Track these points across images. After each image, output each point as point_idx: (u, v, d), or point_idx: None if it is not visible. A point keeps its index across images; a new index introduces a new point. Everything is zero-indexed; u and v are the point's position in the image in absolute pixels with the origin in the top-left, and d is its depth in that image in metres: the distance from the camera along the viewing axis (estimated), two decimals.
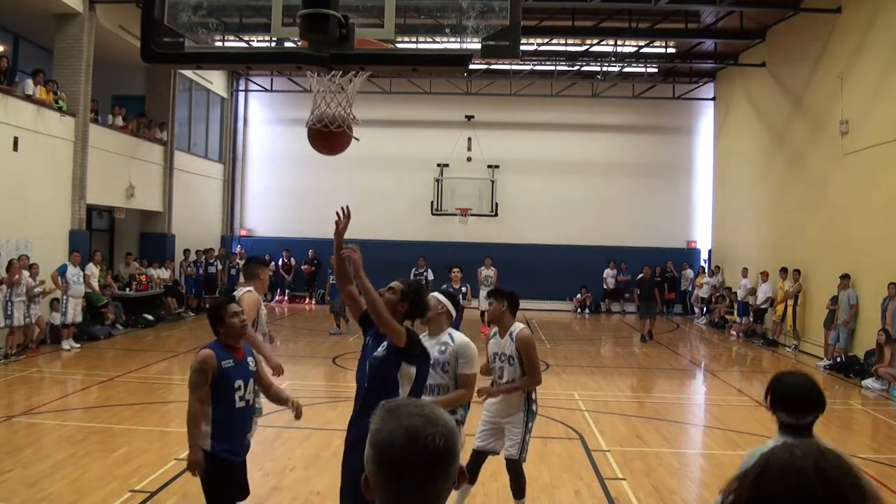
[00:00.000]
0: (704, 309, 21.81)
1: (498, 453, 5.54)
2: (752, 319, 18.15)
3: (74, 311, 14.08)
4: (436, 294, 5.05)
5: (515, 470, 5.47)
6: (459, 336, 5.00)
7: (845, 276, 13.67)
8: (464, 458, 5.36)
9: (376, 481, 1.44)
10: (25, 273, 12.82)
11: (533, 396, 5.57)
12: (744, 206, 20.85)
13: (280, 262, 23.92)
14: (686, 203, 24.41)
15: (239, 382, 4.38)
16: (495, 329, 5.68)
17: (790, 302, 15.95)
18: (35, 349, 13.21)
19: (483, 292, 17.39)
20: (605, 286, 23.70)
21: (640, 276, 18.56)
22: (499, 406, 5.54)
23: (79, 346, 14.02)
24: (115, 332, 15.79)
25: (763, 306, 17.66)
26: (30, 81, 14.28)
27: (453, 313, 5.08)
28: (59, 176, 15.07)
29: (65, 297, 13.84)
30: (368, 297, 4.04)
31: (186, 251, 20.72)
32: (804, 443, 1.31)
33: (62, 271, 13.89)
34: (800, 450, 1.27)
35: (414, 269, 19.84)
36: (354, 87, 7.19)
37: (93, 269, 15.49)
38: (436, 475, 1.42)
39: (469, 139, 23.82)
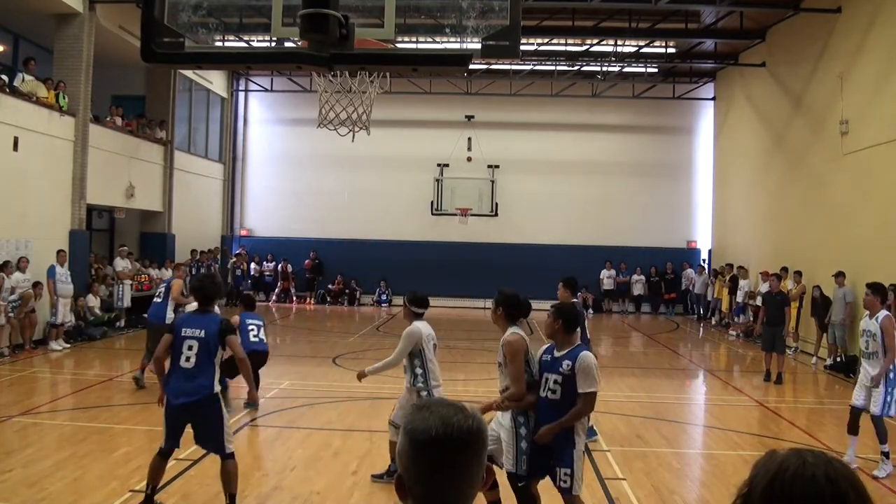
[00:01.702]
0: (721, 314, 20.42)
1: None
2: (751, 319, 18.14)
3: (64, 311, 14.03)
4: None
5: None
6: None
7: (840, 274, 13.65)
8: None
9: (413, 471, 1.52)
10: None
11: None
12: (744, 206, 20.85)
13: (279, 267, 23.96)
14: (686, 203, 24.41)
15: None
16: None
17: (795, 304, 15.82)
18: (30, 350, 13.21)
19: None
20: (601, 287, 23.70)
21: (766, 288, 13.64)
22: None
23: (69, 346, 14.00)
24: (110, 332, 15.78)
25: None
26: (21, 74, 14.31)
27: None
28: (59, 176, 15.07)
29: (55, 298, 13.82)
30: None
31: (193, 251, 20.74)
32: (813, 451, 1.36)
33: (51, 274, 13.86)
34: (811, 457, 1.34)
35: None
36: (374, 91, 7.17)
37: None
38: (470, 455, 1.52)
39: (469, 139, 23.84)
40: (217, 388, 5.64)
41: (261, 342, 9.29)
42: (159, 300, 10.72)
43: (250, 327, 9.28)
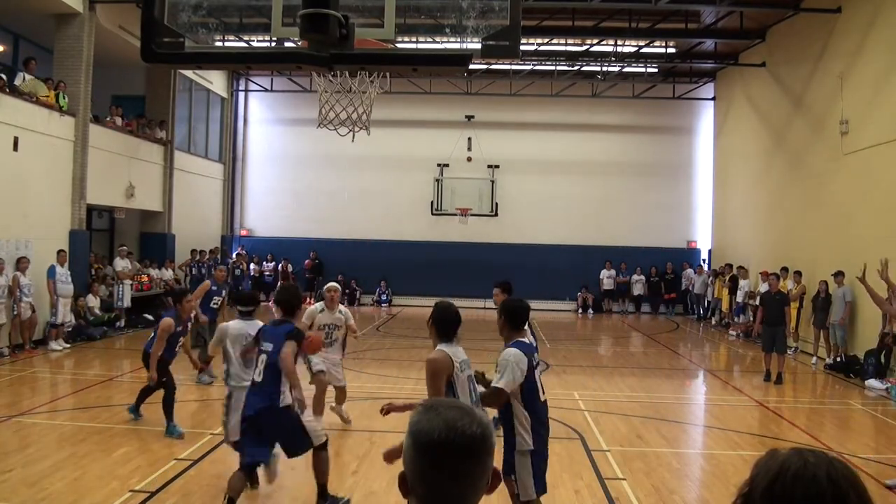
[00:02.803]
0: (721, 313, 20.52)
1: None
2: (751, 319, 18.13)
3: (64, 311, 14.01)
4: None
5: None
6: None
7: (839, 273, 13.66)
8: None
9: (416, 472, 1.51)
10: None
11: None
12: (744, 206, 20.85)
13: (279, 267, 23.96)
14: (686, 203, 24.41)
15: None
16: None
17: (795, 304, 15.80)
18: (30, 350, 13.21)
19: None
20: (601, 287, 23.73)
21: (766, 288, 13.60)
22: None
23: (69, 346, 13.98)
24: (110, 332, 15.78)
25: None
26: (21, 74, 14.33)
27: None
28: (59, 176, 15.07)
29: (55, 298, 13.80)
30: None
31: (193, 251, 20.73)
32: (814, 451, 1.36)
33: (51, 274, 13.85)
34: (812, 457, 1.34)
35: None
36: (374, 91, 7.16)
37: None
38: (473, 462, 1.50)
39: (469, 139, 23.84)
40: (284, 402, 5.63)
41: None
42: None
43: None
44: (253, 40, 14.83)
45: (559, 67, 22.19)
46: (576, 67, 22.12)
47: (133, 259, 18.19)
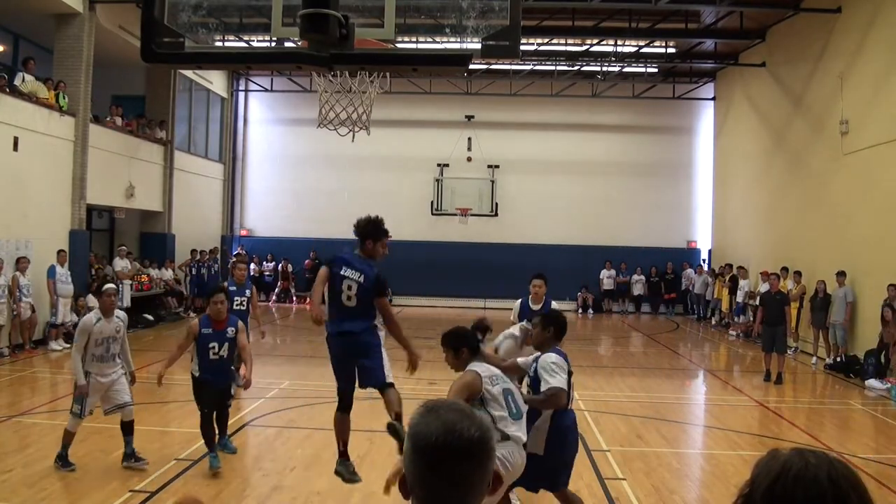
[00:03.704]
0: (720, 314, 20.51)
1: None
2: (751, 319, 18.13)
3: (64, 311, 14.01)
4: None
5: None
6: None
7: (841, 273, 13.67)
8: None
9: (414, 474, 1.51)
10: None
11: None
12: (744, 206, 20.86)
13: (279, 267, 23.96)
14: (686, 203, 24.41)
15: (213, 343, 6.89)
16: None
17: (795, 304, 15.79)
18: (30, 350, 13.21)
19: None
20: (601, 287, 23.74)
21: (766, 288, 13.72)
22: None
23: (69, 346, 13.95)
24: None
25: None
26: (21, 74, 14.33)
27: None
28: (59, 176, 15.07)
29: (55, 298, 13.80)
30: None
31: (193, 251, 20.72)
32: (815, 451, 1.36)
33: (51, 274, 13.84)
34: (813, 458, 1.34)
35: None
36: (374, 91, 7.18)
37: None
38: (471, 466, 1.49)
39: (469, 139, 23.84)
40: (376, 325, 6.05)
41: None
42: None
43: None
44: (253, 40, 14.82)
45: (559, 67, 22.19)
46: (576, 67, 22.12)
47: (133, 259, 18.16)
